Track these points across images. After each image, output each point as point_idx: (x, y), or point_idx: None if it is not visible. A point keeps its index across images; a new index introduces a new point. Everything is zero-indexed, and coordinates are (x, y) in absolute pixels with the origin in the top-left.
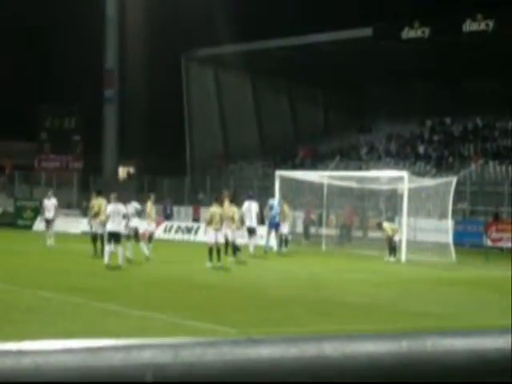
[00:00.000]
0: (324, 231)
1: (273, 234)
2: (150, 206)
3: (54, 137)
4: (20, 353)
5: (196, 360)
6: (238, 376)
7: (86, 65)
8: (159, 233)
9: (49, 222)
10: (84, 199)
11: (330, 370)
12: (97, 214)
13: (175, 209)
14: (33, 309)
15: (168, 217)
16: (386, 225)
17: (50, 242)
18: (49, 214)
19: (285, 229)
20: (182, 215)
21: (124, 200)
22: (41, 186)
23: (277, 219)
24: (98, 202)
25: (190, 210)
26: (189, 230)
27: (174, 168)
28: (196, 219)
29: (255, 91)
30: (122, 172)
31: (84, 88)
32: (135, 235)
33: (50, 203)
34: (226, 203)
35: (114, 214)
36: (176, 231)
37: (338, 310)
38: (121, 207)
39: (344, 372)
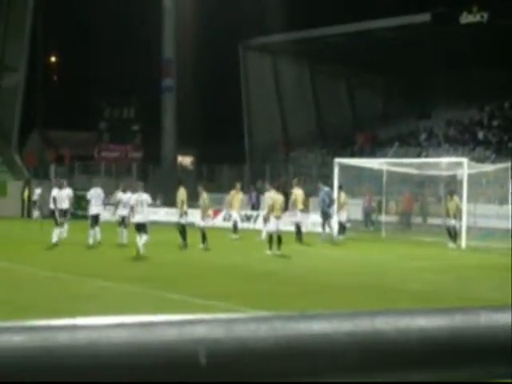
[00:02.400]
0: (384, 218)
1: (330, 221)
2: (204, 197)
3: (113, 127)
4: (74, 328)
5: (249, 335)
6: (291, 351)
7: (144, 55)
8: (219, 221)
9: (64, 214)
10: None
11: (383, 344)
12: (181, 204)
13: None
14: (93, 298)
15: (254, 206)
16: (456, 198)
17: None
18: (64, 204)
19: (342, 217)
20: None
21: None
22: (100, 176)
23: (327, 208)
24: (182, 192)
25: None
26: (248, 218)
27: (232, 156)
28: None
29: (313, 78)
30: (181, 161)
31: (142, 78)
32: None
33: (65, 193)
34: (297, 191)
35: (138, 204)
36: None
37: (397, 297)
38: (144, 196)
39: (396, 347)
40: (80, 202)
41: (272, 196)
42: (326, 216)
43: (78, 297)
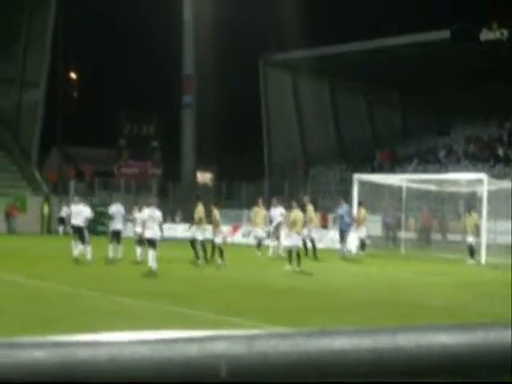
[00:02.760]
0: (403, 234)
1: (347, 237)
2: (215, 214)
3: (132, 143)
4: (95, 344)
5: (270, 351)
6: (312, 367)
7: (164, 71)
8: (238, 237)
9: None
10: (163, 205)
11: (404, 361)
12: (199, 220)
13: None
14: (112, 313)
15: (389, 227)
16: (474, 215)
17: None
18: (76, 221)
19: (362, 233)
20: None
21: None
22: (120, 192)
23: (344, 226)
24: (200, 209)
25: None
26: (268, 234)
27: (252, 173)
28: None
29: (333, 95)
30: (201, 177)
31: (162, 94)
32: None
33: (78, 209)
34: (309, 207)
35: (150, 220)
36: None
37: (417, 313)
38: (157, 213)
39: (418, 363)
40: (100, 218)
41: (293, 212)
42: (343, 232)
43: (97, 312)
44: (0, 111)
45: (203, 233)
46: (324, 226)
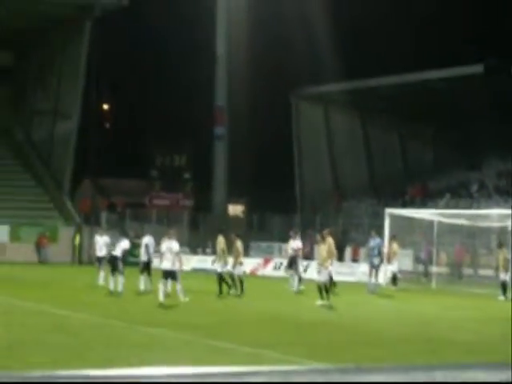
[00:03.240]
0: (434, 269)
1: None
2: (238, 245)
3: (164, 175)
4: (131, 377)
5: None
6: None
7: (196, 103)
8: (269, 270)
9: (100, 261)
10: (194, 237)
11: None
12: (222, 253)
13: (284, 246)
14: (144, 345)
15: (421, 261)
16: (505, 250)
17: (101, 279)
18: (100, 252)
19: (394, 267)
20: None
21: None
22: (152, 224)
23: (375, 260)
24: (220, 241)
25: None
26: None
27: (283, 205)
28: (307, 257)
29: (365, 128)
30: (232, 210)
31: (194, 126)
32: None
33: (102, 240)
34: (330, 241)
35: (167, 251)
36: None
37: (444, 348)
38: (174, 244)
39: None
40: (131, 249)
41: (321, 247)
42: (372, 266)
43: (129, 344)
44: (33, 142)
45: (223, 265)
46: (355, 259)
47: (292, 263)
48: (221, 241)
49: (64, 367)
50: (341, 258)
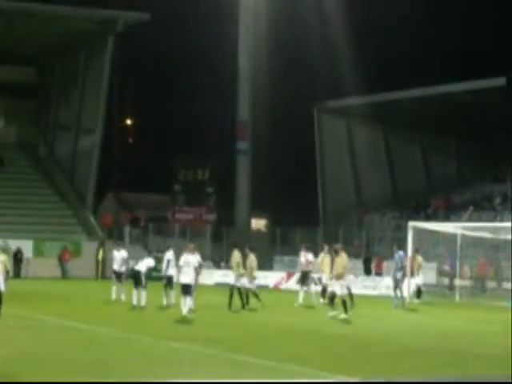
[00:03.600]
0: (458, 282)
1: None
2: (251, 259)
3: (187, 189)
4: None
5: None
6: None
7: (219, 117)
8: (292, 284)
9: (118, 275)
10: (217, 251)
11: None
12: (237, 267)
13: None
14: (166, 360)
15: (445, 274)
16: None
17: (119, 295)
18: (117, 267)
19: (419, 280)
20: (315, 266)
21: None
22: (174, 238)
23: (398, 273)
24: (235, 255)
25: None
26: (321, 281)
27: (306, 219)
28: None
29: (387, 141)
30: (255, 224)
31: (217, 140)
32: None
33: (120, 255)
34: (342, 255)
35: (185, 265)
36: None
37: (467, 362)
38: (192, 258)
39: None
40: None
41: (341, 261)
42: (396, 280)
43: (153, 359)
44: (56, 156)
45: (237, 279)
46: (378, 273)
47: (304, 278)
48: (236, 255)
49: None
50: (368, 272)
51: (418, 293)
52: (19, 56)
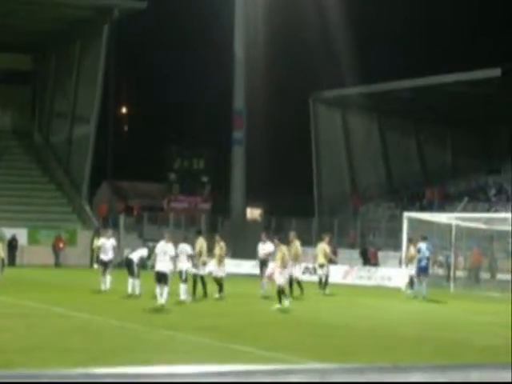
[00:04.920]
0: (452, 273)
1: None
2: (221, 246)
3: (182, 178)
4: (171, 375)
5: None
6: None
7: (214, 107)
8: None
9: (106, 265)
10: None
11: None
12: (199, 255)
13: (302, 250)
14: (161, 348)
15: (440, 265)
16: None
17: (105, 286)
18: (105, 256)
19: (412, 270)
20: (310, 256)
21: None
22: (169, 227)
23: (423, 263)
24: (199, 243)
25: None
26: (316, 271)
27: (301, 209)
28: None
29: (382, 132)
30: (250, 213)
31: (212, 130)
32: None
33: (109, 243)
34: (296, 243)
35: (161, 254)
36: (303, 272)
37: (464, 351)
38: (169, 247)
39: None
40: (149, 253)
41: (282, 249)
42: (421, 270)
43: (148, 347)
44: (52, 145)
45: (203, 267)
46: (374, 263)
47: (263, 266)
48: (200, 242)
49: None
50: (366, 263)
51: (411, 283)
52: (14, 44)
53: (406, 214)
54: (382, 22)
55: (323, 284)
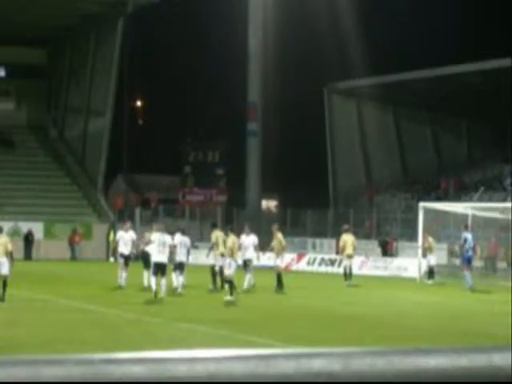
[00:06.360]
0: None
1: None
2: (232, 240)
3: (198, 170)
4: (193, 360)
5: (366, 369)
6: None
7: (229, 99)
8: (302, 265)
9: (126, 259)
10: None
11: (502, 379)
12: (215, 246)
13: (318, 241)
14: (177, 340)
15: (456, 255)
16: None
17: (121, 280)
18: (125, 249)
19: (432, 261)
20: (325, 248)
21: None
22: (185, 219)
23: (470, 253)
24: (215, 235)
25: (333, 242)
26: (332, 263)
27: (316, 200)
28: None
29: (397, 123)
30: (266, 205)
31: (227, 122)
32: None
33: (128, 236)
34: (278, 235)
35: (160, 245)
36: (319, 263)
37: (480, 342)
38: (167, 238)
39: None
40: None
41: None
42: (466, 261)
43: (165, 339)
44: (67, 138)
45: (219, 259)
46: (391, 254)
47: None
48: (217, 235)
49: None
50: (385, 254)
51: (431, 273)
52: (29, 38)
53: (422, 204)
54: (397, 11)
55: (348, 275)
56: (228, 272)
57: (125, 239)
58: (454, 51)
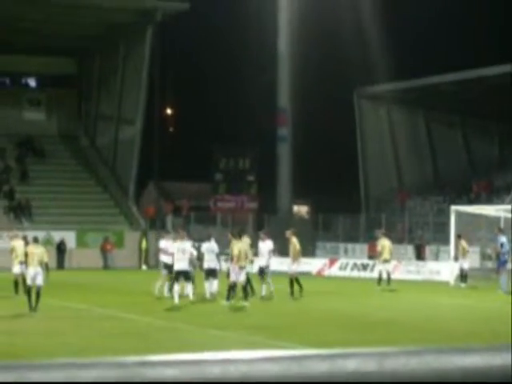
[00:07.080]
0: None
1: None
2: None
3: (228, 177)
4: (226, 361)
5: (400, 368)
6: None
7: (259, 105)
8: (335, 270)
9: (169, 268)
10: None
11: None
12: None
13: (350, 246)
14: (207, 347)
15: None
16: None
17: (159, 287)
18: (168, 258)
19: (465, 264)
20: (358, 252)
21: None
22: (217, 226)
23: (506, 257)
24: (244, 241)
25: (365, 247)
26: (364, 267)
27: (348, 205)
28: (371, 256)
29: (428, 126)
30: (297, 210)
31: (257, 128)
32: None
33: (170, 244)
34: (293, 240)
35: (179, 252)
36: (352, 268)
37: None
38: (187, 245)
39: None
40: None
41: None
42: (500, 266)
43: (195, 347)
44: (98, 147)
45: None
46: (422, 257)
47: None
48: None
49: None
50: (419, 258)
51: (464, 277)
52: (59, 47)
53: (454, 208)
54: (424, 15)
55: (386, 280)
56: (233, 278)
57: (168, 248)
58: (483, 53)
